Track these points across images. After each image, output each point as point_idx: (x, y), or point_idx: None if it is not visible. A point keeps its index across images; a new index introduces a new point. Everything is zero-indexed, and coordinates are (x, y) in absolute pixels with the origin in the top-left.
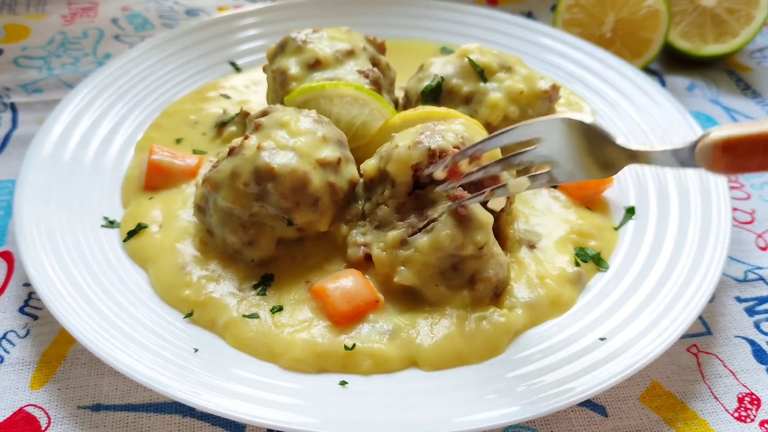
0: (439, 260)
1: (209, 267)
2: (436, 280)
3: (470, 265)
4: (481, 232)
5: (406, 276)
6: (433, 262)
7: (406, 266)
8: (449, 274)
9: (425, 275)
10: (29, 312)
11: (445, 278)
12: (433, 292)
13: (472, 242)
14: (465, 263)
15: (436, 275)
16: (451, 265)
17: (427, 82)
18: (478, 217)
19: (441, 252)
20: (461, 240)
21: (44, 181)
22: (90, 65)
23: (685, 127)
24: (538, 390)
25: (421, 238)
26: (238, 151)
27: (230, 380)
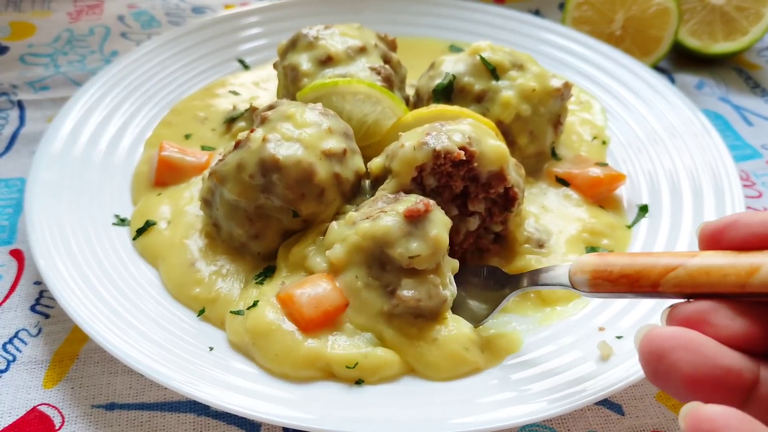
0: (369, 250)
1: (217, 262)
2: (358, 271)
3: (395, 273)
4: (421, 245)
5: (335, 253)
6: (364, 247)
7: (342, 244)
8: (374, 270)
9: (352, 259)
10: (41, 310)
11: (369, 272)
12: (352, 285)
13: (404, 246)
14: (391, 266)
15: (361, 265)
16: (378, 261)
17: (439, 80)
18: (427, 230)
19: (371, 241)
20: (394, 238)
21: (55, 179)
22: (97, 63)
23: (697, 125)
24: (555, 389)
25: (364, 222)
26: (244, 144)
27: (246, 378)
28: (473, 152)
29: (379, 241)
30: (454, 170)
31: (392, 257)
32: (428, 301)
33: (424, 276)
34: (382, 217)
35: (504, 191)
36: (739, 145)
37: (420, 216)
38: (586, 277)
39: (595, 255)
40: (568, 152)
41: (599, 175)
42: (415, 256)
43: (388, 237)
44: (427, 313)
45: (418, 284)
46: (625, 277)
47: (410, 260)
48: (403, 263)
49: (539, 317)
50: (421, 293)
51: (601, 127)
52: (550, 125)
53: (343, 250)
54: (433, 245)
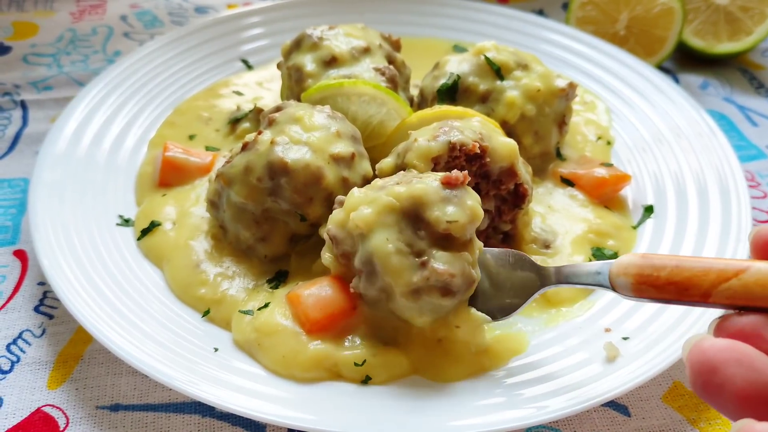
0: (403, 211)
1: (223, 264)
2: (388, 233)
3: (429, 241)
4: (459, 211)
5: (362, 214)
6: (397, 208)
7: (370, 205)
8: (405, 234)
9: (382, 220)
10: (44, 311)
11: (400, 237)
12: (381, 249)
13: (441, 210)
14: (427, 230)
15: (392, 228)
16: (412, 225)
17: (443, 80)
18: (464, 199)
19: (408, 200)
20: (432, 200)
21: (58, 179)
22: (100, 63)
23: (702, 125)
24: (561, 390)
25: (397, 186)
26: (252, 146)
27: (251, 379)
28: (486, 147)
29: (416, 201)
30: (467, 165)
31: (428, 220)
32: (460, 278)
33: (458, 250)
34: (418, 181)
35: (514, 188)
36: (743, 145)
37: (457, 185)
38: (630, 280)
39: (638, 256)
40: (573, 152)
41: (604, 175)
42: (453, 221)
43: (426, 198)
44: (455, 291)
45: (452, 258)
46: (673, 285)
47: (448, 225)
48: (440, 227)
49: (545, 318)
50: (455, 268)
51: (605, 127)
52: (555, 125)
53: (373, 210)
54: (471, 214)
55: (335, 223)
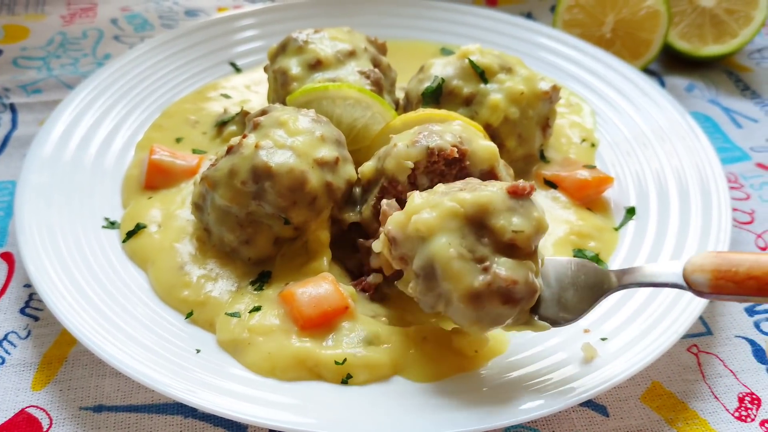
0: (467, 217)
1: (207, 266)
2: (451, 238)
3: (492, 248)
4: (525, 222)
5: (424, 217)
6: (461, 214)
7: (432, 209)
8: (468, 240)
9: (444, 225)
10: (30, 313)
11: (462, 242)
12: (441, 253)
13: (507, 219)
14: (491, 238)
15: (455, 233)
16: (475, 232)
17: (428, 83)
18: (530, 210)
19: (473, 207)
20: (498, 209)
21: (45, 182)
22: (89, 66)
23: (685, 128)
24: (540, 390)
25: (461, 193)
26: (237, 150)
27: (232, 381)
28: (465, 150)
29: (481, 208)
30: (446, 169)
31: (493, 228)
32: (523, 286)
33: (522, 259)
34: (483, 188)
35: None
36: (728, 147)
37: (523, 195)
38: (708, 276)
39: (712, 254)
40: (557, 155)
41: (587, 177)
42: (519, 231)
43: (491, 206)
44: (517, 299)
45: (516, 266)
46: (753, 279)
47: (513, 234)
48: (505, 236)
49: None
50: (518, 275)
51: (590, 129)
52: (539, 128)
53: (436, 215)
54: (536, 225)
55: (396, 224)
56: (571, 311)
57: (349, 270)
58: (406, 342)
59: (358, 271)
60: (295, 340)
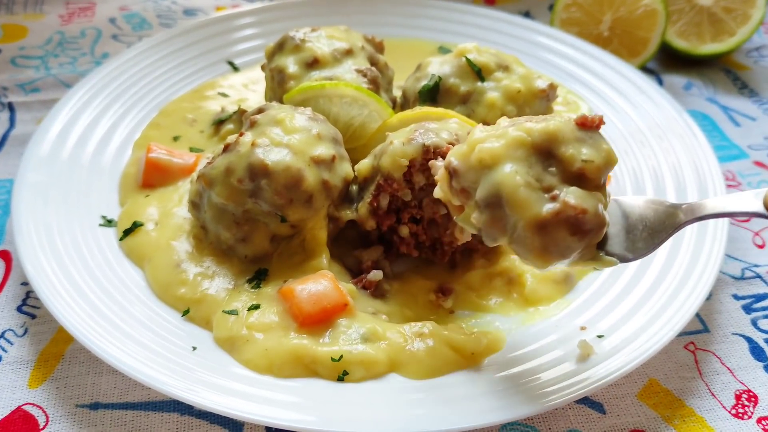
0: (534, 146)
1: (204, 264)
2: (517, 167)
3: (562, 176)
4: (594, 152)
5: (488, 146)
6: (528, 143)
7: (497, 138)
8: (534, 169)
9: (510, 154)
10: (27, 311)
11: (530, 168)
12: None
13: (577, 149)
14: (559, 167)
15: (521, 161)
16: (542, 161)
17: (425, 81)
18: (599, 142)
19: (541, 135)
20: (567, 138)
21: (42, 181)
22: (88, 65)
23: (682, 126)
24: (536, 387)
25: (529, 123)
26: (233, 148)
27: (228, 378)
28: None
29: (550, 137)
30: None
31: (562, 157)
32: (593, 216)
33: (590, 189)
34: (551, 119)
35: None
36: (725, 145)
37: (592, 127)
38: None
39: None
40: None
41: None
42: (589, 160)
43: (560, 135)
44: (586, 230)
45: (585, 195)
46: None
47: (583, 164)
48: (574, 165)
49: (522, 317)
50: (588, 204)
51: None
52: None
53: (501, 143)
54: (606, 156)
55: (458, 155)
56: (640, 247)
57: (348, 268)
58: (403, 339)
59: (357, 269)
60: (292, 336)
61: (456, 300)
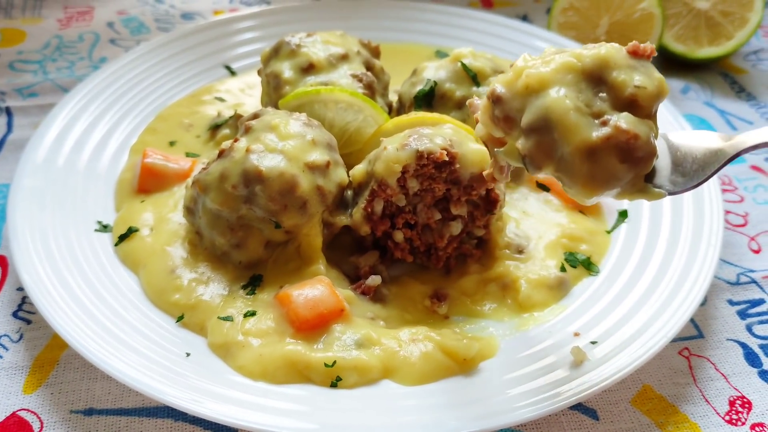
0: (585, 70)
1: (198, 269)
2: (566, 90)
3: (614, 103)
4: (647, 79)
5: (539, 71)
6: (578, 68)
7: (545, 64)
8: (584, 94)
9: (558, 78)
10: (23, 316)
11: (580, 93)
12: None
13: (629, 75)
14: (610, 93)
15: (570, 86)
16: (593, 86)
17: (420, 86)
18: (651, 71)
19: (592, 60)
20: (619, 63)
21: (38, 186)
22: (85, 69)
23: (678, 129)
24: (529, 394)
25: (579, 49)
26: (228, 154)
27: (222, 385)
28: (455, 153)
29: (601, 62)
30: (436, 172)
31: (613, 82)
32: (645, 144)
33: (641, 117)
34: (602, 45)
35: (486, 193)
36: None
37: (644, 56)
38: None
39: None
40: None
41: None
42: (641, 87)
43: (612, 60)
44: (637, 158)
45: (637, 121)
46: None
47: (635, 90)
48: (626, 91)
49: (516, 322)
50: (640, 129)
51: None
52: None
53: (550, 68)
54: (659, 85)
55: (503, 82)
56: (689, 180)
57: (346, 274)
58: (397, 344)
59: (354, 275)
60: (287, 342)
61: (451, 305)
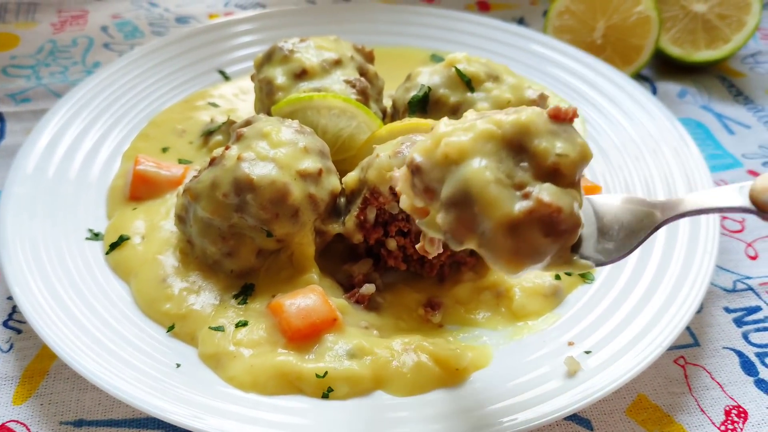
0: (505, 139)
1: (190, 278)
2: (487, 161)
3: (535, 172)
4: (569, 146)
5: (458, 140)
6: (498, 136)
7: (465, 131)
8: (505, 164)
9: (479, 148)
10: (13, 326)
11: (500, 163)
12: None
13: (551, 143)
14: (531, 162)
15: (490, 156)
16: (513, 155)
17: (414, 92)
18: (573, 136)
19: (512, 128)
20: (540, 131)
21: (29, 194)
22: (79, 74)
23: (675, 136)
24: (523, 404)
25: (498, 115)
26: (219, 162)
27: (212, 396)
28: None
29: (521, 129)
30: None
31: (534, 151)
32: (568, 216)
33: (564, 186)
34: (521, 111)
35: None
36: (719, 154)
37: (565, 119)
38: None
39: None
40: None
41: None
42: (563, 155)
43: (533, 127)
44: (561, 231)
45: (560, 192)
46: None
47: (557, 158)
48: (548, 160)
49: (510, 331)
50: (563, 202)
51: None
52: None
53: (469, 136)
54: (582, 151)
55: (422, 150)
56: (616, 250)
57: (339, 282)
58: (390, 354)
59: (348, 283)
60: (279, 352)
61: (445, 314)
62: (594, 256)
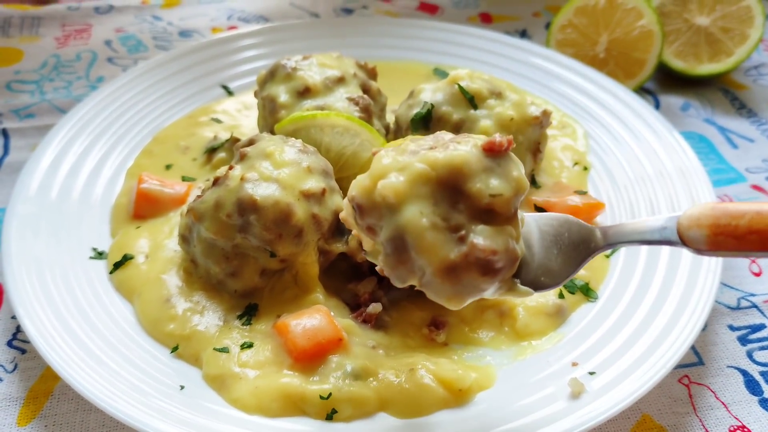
0: (440, 182)
1: (193, 298)
2: (423, 207)
3: (468, 215)
4: (503, 184)
5: (391, 183)
6: (432, 178)
7: (401, 173)
8: (441, 208)
9: (415, 192)
10: (17, 345)
11: (435, 210)
12: (414, 224)
13: (484, 182)
14: (467, 203)
15: (427, 200)
16: (449, 198)
17: (417, 109)
18: (509, 169)
19: (446, 170)
20: (474, 171)
21: (33, 213)
22: (83, 89)
23: (679, 151)
24: (528, 426)
25: (432, 152)
26: (222, 182)
27: (216, 419)
28: None
29: (455, 170)
30: None
31: (469, 193)
32: (503, 255)
33: (500, 225)
34: (456, 147)
35: None
36: (723, 168)
37: (500, 152)
38: (705, 232)
39: (709, 206)
40: (549, 179)
41: (578, 204)
42: (497, 194)
43: (466, 168)
44: (497, 270)
45: (494, 233)
46: (755, 234)
47: (491, 199)
48: (482, 201)
49: (514, 351)
50: (497, 243)
51: (582, 152)
52: (529, 153)
53: (405, 179)
54: (516, 186)
55: (360, 190)
56: (556, 275)
57: (345, 302)
58: (394, 375)
59: (354, 303)
60: (284, 374)
61: (449, 333)
62: (535, 281)
